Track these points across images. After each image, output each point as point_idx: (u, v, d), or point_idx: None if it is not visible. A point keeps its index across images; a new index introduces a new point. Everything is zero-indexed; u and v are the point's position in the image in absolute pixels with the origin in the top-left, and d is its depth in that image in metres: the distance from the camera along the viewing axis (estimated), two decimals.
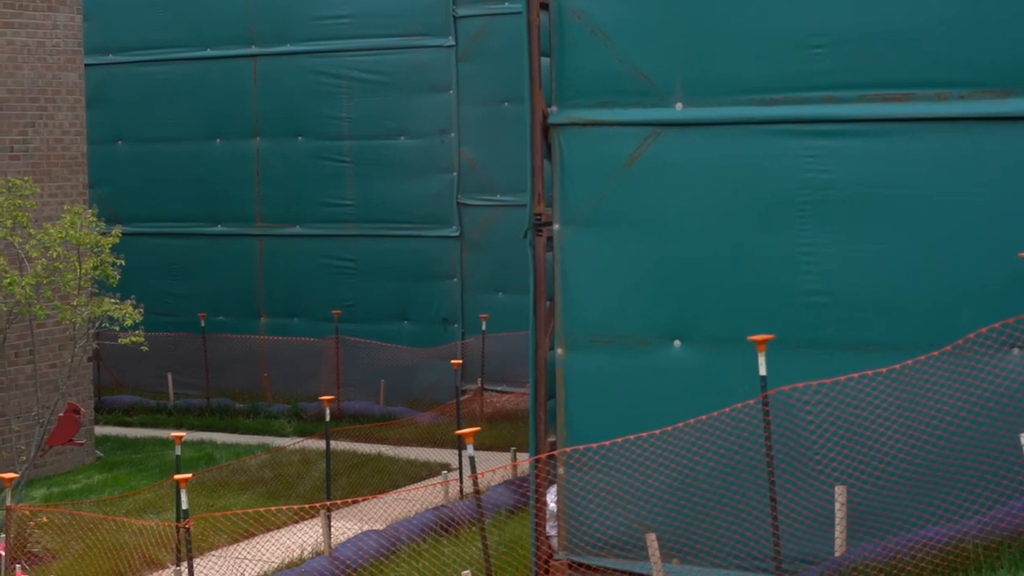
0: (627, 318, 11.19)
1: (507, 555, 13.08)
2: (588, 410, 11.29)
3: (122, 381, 23.44)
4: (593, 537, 11.22)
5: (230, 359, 23.02)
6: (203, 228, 23.80)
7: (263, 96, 23.26)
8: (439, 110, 22.39)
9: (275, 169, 23.28)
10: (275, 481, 17.62)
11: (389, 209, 22.66)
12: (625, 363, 11.19)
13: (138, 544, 14.95)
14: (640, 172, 11.09)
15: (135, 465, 19.11)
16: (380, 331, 22.54)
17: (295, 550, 14.95)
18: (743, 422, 10.36)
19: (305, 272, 23.13)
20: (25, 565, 12.63)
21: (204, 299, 23.27)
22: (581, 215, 11.30)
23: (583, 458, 11.11)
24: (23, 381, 18.10)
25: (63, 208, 16.78)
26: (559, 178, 11.33)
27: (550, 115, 11.42)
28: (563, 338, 11.36)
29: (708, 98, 10.99)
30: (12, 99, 18.10)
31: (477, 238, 22.36)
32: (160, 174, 23.72)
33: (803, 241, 10.80)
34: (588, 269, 11.26)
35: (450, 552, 14.29)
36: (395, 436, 19.94)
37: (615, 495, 11.05)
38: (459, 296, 22.50)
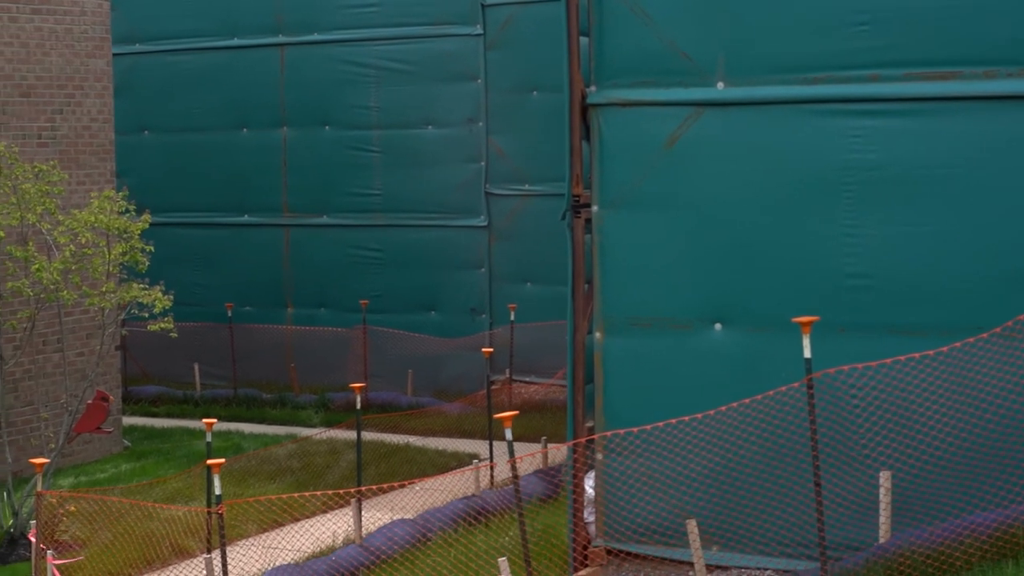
0: (667, 301, 11.01)
1: (542, 543, 12.92)
2: (627, 395, 11.12)
3: (148, 372, 23.35)
4: (632, 523, 11.05)
5: (257, 349, 22.92)
6: (230, 218, 23.69)
7: (290, 85, 23.14)
8: (467, 99, 22.24)
9: (302, 159, 23.16)
10: (303, 471, 17.51)
11: (417, 199, 22.52)
12: (665, 347, 11.02)
13: (167, 533, 14.84)
14: (681, 153, 10.91)
15: (163, 455, 19.01)
16: (407, 321, 22.41)
17: (325, 539, 14.83)
18: (787, 406, 10.17)
19: (332, 262, 23.01)
20: (55, 553, 12.50)
21: (231, 289, 23.16)
22: (620, 197, 11.13)
23: (622, 443, 10.94)
24: (51, 369, 18.01)
25: (91, 195, 16.67)
26: (598, 159, 11.16)
27: (589, 95, 11.25)
28: (602, 321, 11.19)
29: (750, 77, 10.81)
30: (40, 86, 18.01)
31: (505, 228, 22.20)
32: (186, 164, 23.62)
33: (847, 223, 10.62)
34: (627, 251, 11.09)
35: (482, 541, 14.15)
36: (423, 426, 19.81)
37: (654, 481, 10.88)
38: (487, 286, 22.35)
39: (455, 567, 13.16)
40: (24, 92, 17.80)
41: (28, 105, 17.86)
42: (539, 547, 12.76)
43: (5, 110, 17.56)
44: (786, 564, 10.58)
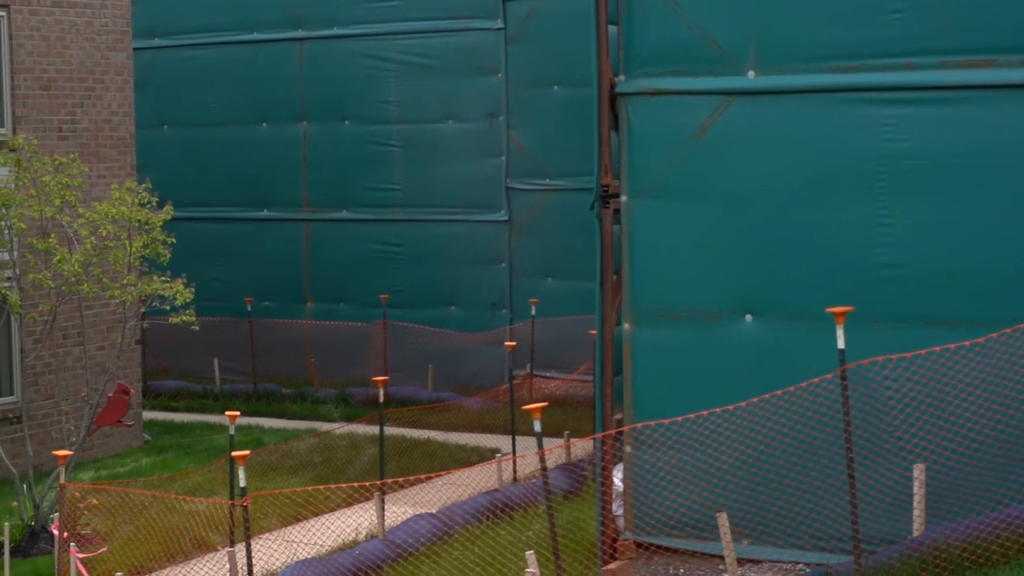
0: (697, 292, 10.89)
1: (567, 537, 12.81)
2: (656, 387, 11.00)
3: (167, 366, 23.30)
4: (661, 517, 10.94)
5: (276, 344, 22.86)
6: (249, 213, 23.63)
7: (310, 80, 23.06)
8: (488, 93, 22.14)
9: (322, 153, 23.08)
10: (324, 465, 17.43)
11: (437, 193, 22.42)
12: (694, 338, 10.90)
13: (188, 526, 14.78)
14: (711, 142, 10.79)
15: (183, 449, 18.95)
16: (427, 316, 22.32)
17: (348, 533, 14.75)
18: (820, 397, 10.04)
19: (352, 257, 22.93)
20: (77, 546, 12.43)
21: (250, 284, 23.10)
22: (649, 187, 11.01)
23: (650, 436, 10.82)
24: (71, 363, 17.96)
25: (111, 187, 16.60)
26: (626, 149, 11.03)
27: (617, 84, 11.12)
28: (630, 313, 11.08)
29: (782, 66, 10.68)
30: (61, 79, 17.95)
31: (526, 222, 22.10)
32: (206, 159, 23.56)
33: (879, 212, 10.49)
34: (656, 242, 10.97)
35: (506, 536, 14.05)
36: (443, 421, 19.72)
37: (684, 474, 10.76)
38: (507, 281, 22.25)
39: (479, 562, 13.07)
40: (45, 85, 17.75)
41: (49, 98, 17.80)
42: (565, 541, 12.64)
43: (26, 103, 17.51)
44: (818, 557, 10.45)
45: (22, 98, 17.45)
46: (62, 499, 12.05)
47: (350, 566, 13.43)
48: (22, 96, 17.46)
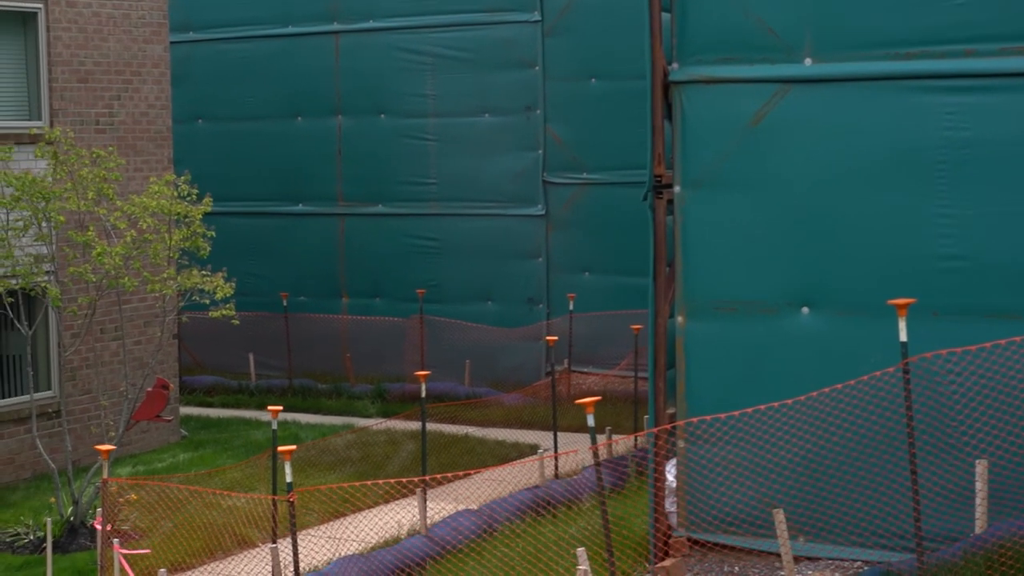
0: (752, 284, 10.69)
1: (615, 533, 12.61)
2: (710, 380, 10.80)
3: (202, 362, 23.19)
4: (715, 513, 10.74)
5: (311, 340, 22.72)
6: (284, 207, 23.51)
7: (345, 73, 22.91)
8: (524, 87, 21.95)
9: (357, 147, 22.94)
10: (362, 461, 17.28)
11: (473, 187, 22.25)
12: (750, 331, 10.70)
13: (228, 522, 14.65)
14: (766, 131, 10.59)
15: (220, 444, 18.83)
16: (463, 311, 22.15)
17: (389, 530, 14.60)
18: (883, 391, 9.82)
19: (387, 252, 22.78)
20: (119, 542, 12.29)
21: (285, 279, 22.97)
22: (704, 176, 10.81)
23: (704, 431, 10.62)
24: (108, 358, 17.85)
25: (149, 179, 16.48)
26: (680, 138, 10.84)
27: (671, 72, 10.92)
28: (684, 305, 10.88)
29: (839, 53, 10.47)
30: (98, 71, 17.84)
31: (563, 217, 21.91)
32: (241, 153, 23.43)
33: (941, 203, 10.27)
34: (711, 233, 10.77)
35: (550, 532, 13.87)
36: (481, 417, 19.57)
37: (738, 470, 10.56)
38: (544, 276, 22.06)
39: (525, 559, 12.89)
40: (82, 78, 17.64)
41: (86, 91, 17.69)
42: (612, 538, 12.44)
43: (63, 96, 17.40)
44: (877, 555, 10.23)
45: (59, 91, 17.35)
46: (105, 494, 11.92)
47: (394, 562, 13.28)
48: (59, 89, 17.35)
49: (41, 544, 14.39)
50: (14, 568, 13.82)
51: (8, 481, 16.88)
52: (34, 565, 13.89)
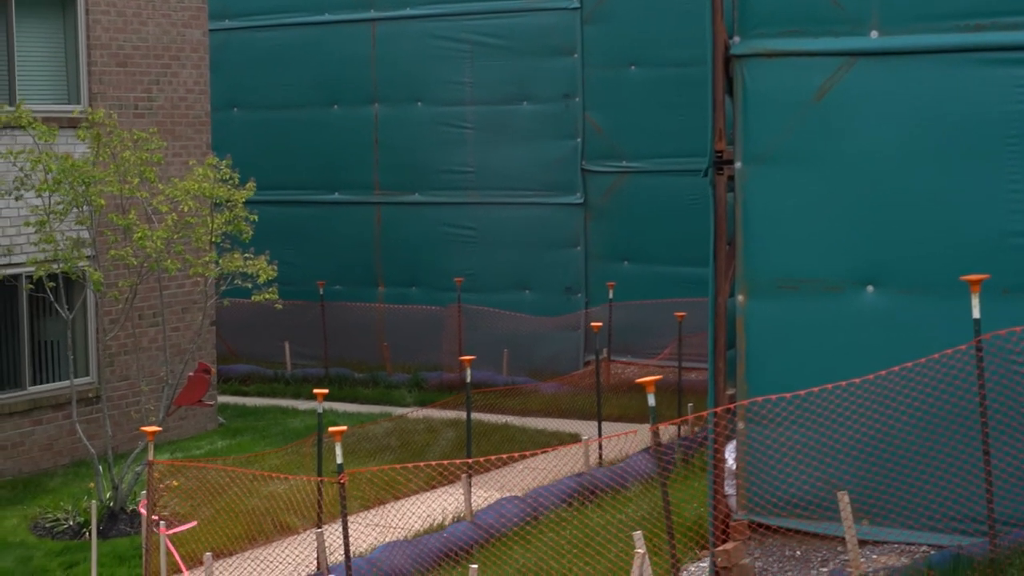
0: (815, 262, 10.45)
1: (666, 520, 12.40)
2: (771, 360, 10.56)
3: (236, 351, 23.03)
4: (775, 496, 10.51)
5: (347, 328, 22.56)
6: (320, 196, 23.36)
7: (382, 61, 22.74)
8: (563, 74, 21.75)
9: (394, 136, 22.77)
10: (402, 449, 17.13)
11: (511, 176, 22.06)
12: (812, 310, 10.45)
13: (269, 509, 14.49)
14: (831, 105, 10.35)
15: (257, 432, 18.69)
16: (501, 300, 21.96)
17: (432, 516, 14.42)
18: (954, 370, 9.57)
19: (424, 241, 22.60)
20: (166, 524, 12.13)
21: (321, 268, 22.80)
22: (765, 152, 10.57)
23: (765, 412, 10.39)
24: (146, 344, 17.71)
25: (190, 163, 16.34)
26: (741, 113, 10.60)
27: (732, 46, 10.69)
28: (744, 284, 10.64)
29: (906, 25, 10.22)
30: (137, 55, 17.69)
31: (602, 205, 21.69)
32: (276, 141, 23.27)
33: (1010, 178, 10.01)
34: (773, 209, 10.54)
35: (597, 519, 13.67)
36: (519, 406, 19.40)
37: (800, 451, 10.32)
38: (583, 265, 21.86)
39: (574, 545, 12.69)
40: (121, 62, 17.50)
41: (125, 75, 17.55)
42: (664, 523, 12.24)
43: (102, 80, 17.26)
44: (946, 539, 10.00)
45: (98, 74, 17.21)
46: (151, 476, 11.75)
47: (440, 548, 13.10)
48: (98, 72, 17.21)
49: (81, 530, 14.26)
50: (54, 553, 13.69)
51: (46, 467, 16.76)
52: (74, 551, 13.76)
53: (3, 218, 16.16)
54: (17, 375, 16.51)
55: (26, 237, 16.22)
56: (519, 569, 12.26)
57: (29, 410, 16.57)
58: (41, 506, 15.08)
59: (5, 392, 16.42)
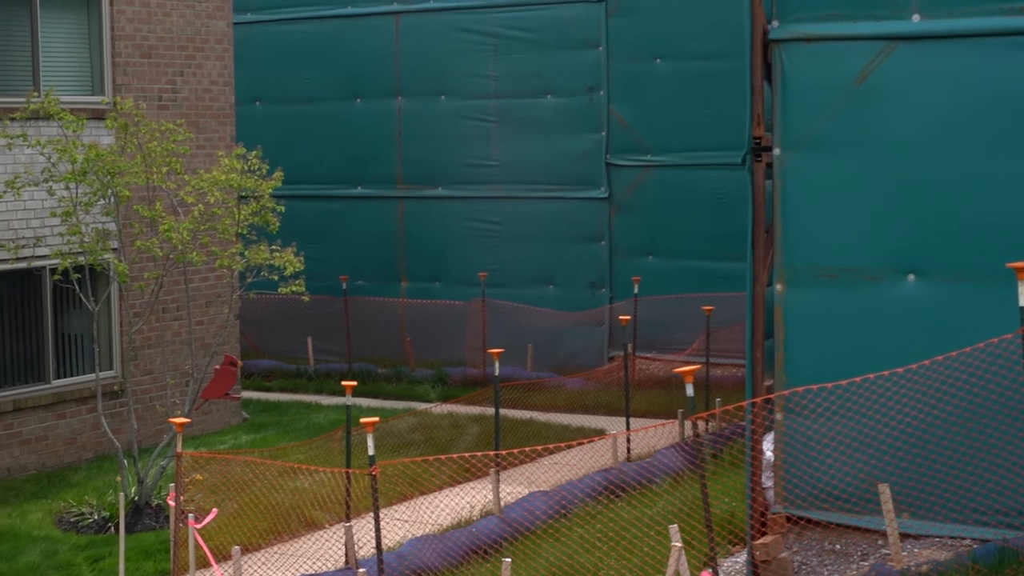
0: (855, 250, 10.27)
1: (697, 514, 12.24)
2: (810, 350, 10.39)
3: (257, 346, 22.92)
4: (814, 489, 10.33)
5: (370, 324, 22.43)
6: (343, 190, 23.23)
7: (405, 54, 22.60)
8: (587, 67, 21.59)
9: (417, 129, 22.63)
10: (426, 444, 17.00)
11: (535, 170, 21.91)
12: (852, 299, 10.28)
13: (294, 504, 14.37)
14: (871, 90, 10.17)
15: (281, 427, 18.57)
16: (524, 295, 21.82)
17: (461, 511, 14.29)
18: (1000, 359, 9.39)
19: (447, 235, 22.46)
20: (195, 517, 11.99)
21: (343, 263, 22.67)
22: (804, 138, 10.40)
23: (804, 403, 10.22)
24: (170, 337, 17.59)
25: (218, 154, 16.22)
26: (780, 99, 10.43)
27: (770, 30, 10.51)
28: (783, 272, 10.48)
29: (949, 8, 10.05)
30: (161, 47, 17.58)
31: (627, 199, 21.53)
32: (299, 135, 23.13)
33: None
34: (812, 197, 10.37)
35: (627, 514, 13.52)
36: (544, 402, 19.27)
37: (839, 443, 10.15)
38: (607, 259, 21.70)
39: (604, 539, 12.54)
40: (145, 53, 17.39)
41: (149, 66, 17.44)
42: (697, 517, 12.09)
43: (126, 71, 17.16)
44: (990, 533, 9.81)
45: (122, 66, 17.09)
46: (179, 468, 11.62)
47: (469, 543, 12.97)
48: (122, 64, 17.10)
49: (106, 524, 14.15)
50: (79, 548, 13.59)
51: (70, 461, 16.66)
52: (99, 545, 13.65)
53: (27, 210, 16.06)
54: (41, 369, 16.42)
55: (50, 229, 16.12)
56: (550, 564, 12.11)
57: (53, 404, 16.47)
58: (65, 500, 14.98)
59: (29, 386, 16.33)
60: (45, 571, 12.88)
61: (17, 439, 16.11)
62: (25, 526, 14.20)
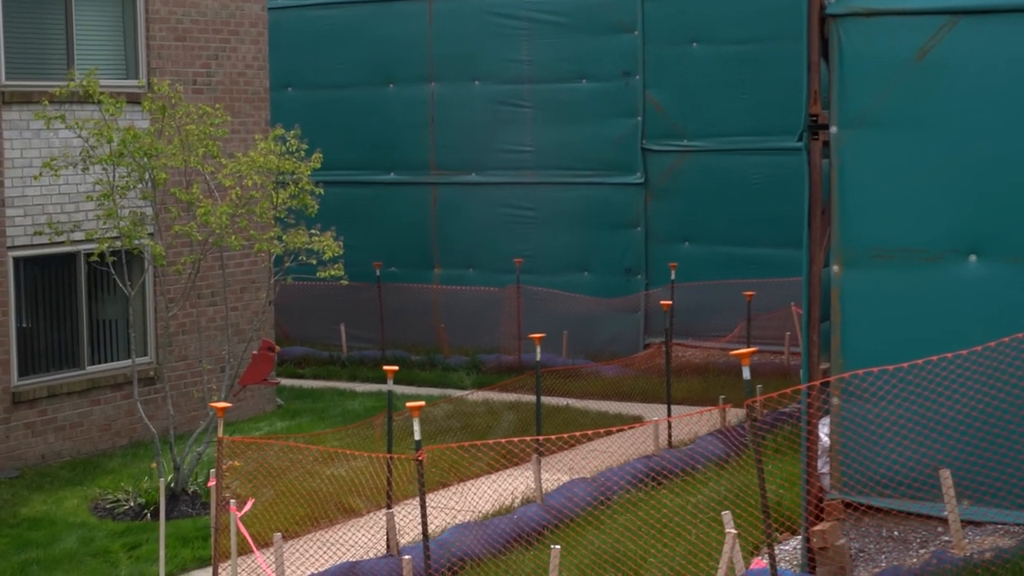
0: (915, 230, 10.03)
1: (743, 502, 12.04)
2: (867, 333, 10.15)
3: (289, 334, 22.75)
4: (871, 474, 10.09)
5: (403, 310, 22.24)
6: (375, 176, 23.03)
7: (438, 39, 22.38)
8: (623, 51, 21.34)
9: (450, 115, 22.42)
10: (463, 431, 16.82)
11: (570, 155, 21.69)
12: (911, 280, 10.03)
13: (331, 491, 14.21)
14: (932, 66, 9.91)
15: (316, 414, 18.42)
16: (559, 282, 21.60)
17: (502, 498, 14.11)
18: None
19: (481, 222, 22.25)
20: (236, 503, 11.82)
21: (376, 249, 22.46)
22: (863, 116, 10.15)
23: (861, 386, 9.98)
24: (204, 324, 17.43)
25: (254, 137, 16.04)
26: (838, 75, 10.18)
27: (828, 5, 10.27)
28: (840, 253, 10.24)
29: None
30: (196, 30, 17.41)
31: (663, 185, 21.29)
32: (331, 121, 22.91)
33: None
34: (870, 176, 10.11)
35: (670, 502, 13.31)
36: (580, 389, 19.07)
37: (897, 428, 9.91)
38: (643, 246, 21.47)
39: (649, 526, 12.34)
40: (179, 36, 17.22)
41: (183, 50, 17.27)
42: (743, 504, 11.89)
43: (161, 55, 16.99)
44: None
45: (157, 49, 16.93)
46: (220, 452, 11.45)
47: (510, 531, 12.79)
48: (157, 47, 16.93)
49: (142, 511, 14.03)
50: (116, 535, 13.46)
51: (105, 448, 16.53)
52: (136, 531, 13.52)
53: (62, 194, 15.93)
54: (76, 354, 16.29)
55: (85, 214, 15.98)
56: (595, 552, 11.92)
57: (87, 390, 16.34)
58: (101, 487, 14.87)
59: (63, 372, 16.20)
60: (82, 558, 12.75)
61: (52, 425, 15.99)
62: (61, 513, 14.09)
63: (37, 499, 14.51)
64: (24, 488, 14.89)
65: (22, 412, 15.65)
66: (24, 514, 14.02)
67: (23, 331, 15.81)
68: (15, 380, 15.65)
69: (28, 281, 15.82)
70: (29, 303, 15.89)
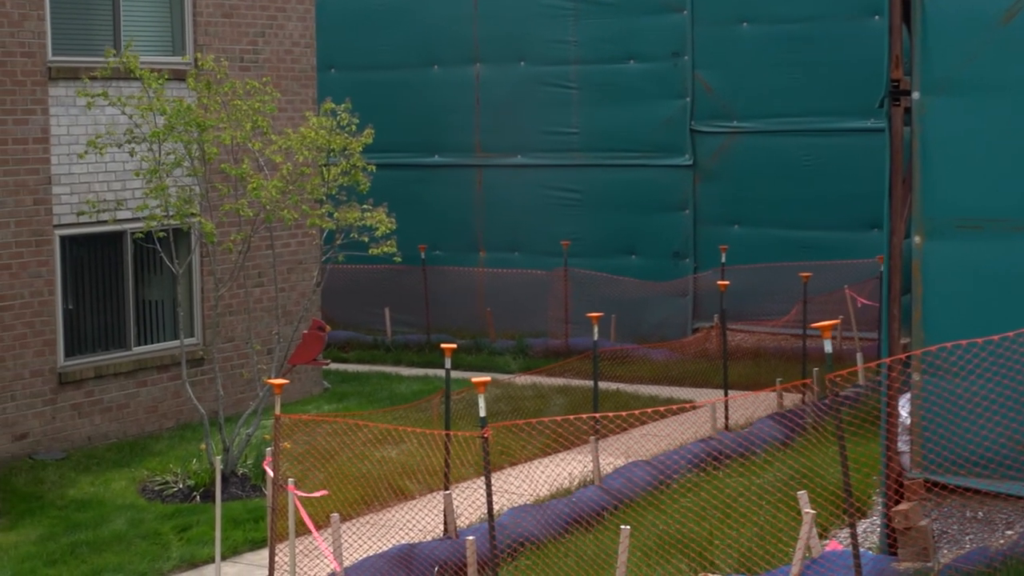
0: (1002, 199, 9.68)
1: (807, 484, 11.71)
2: (950, 306, 9.80)
3: (332, 318, 22.47)
4: (954, 453, 9.75)
5: (448, 294, 21.97)
6: (419, 158, 22.76)
7: (484, 20, 22.08)
8: (671, 31, 20.99)
9: (496, 96, 22.12)
10: (512, 415, 16.56)
11: (617, 137, 21.36)
12: (998, 251, 9.68)
13: (382, 473, 13.97)
14: (1020, 28, 9.55)
15: (364, 396, 18.18)
16: (606, 265, 21.29)
17: (560, 480, 13.85)
18: None
19: (527, 204, 21.95)
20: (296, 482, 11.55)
21: (420, 232, 22.17)
22: (946, 81, 9.80)
23: (943, 362, 9.64)
24: (251, 305, 17.17)
25: (304, 114, 15.78)
26: (920, 39, 9.83)
27: None
28: (922, 224, 9.89)
29: None
30: (243, 6, 17.16)
31: (711, 167, 20.94)
32: (375, 103, 22.46)
33: None
34: (953, 143, 9.77)
35: (733, 484, 13.01)
36: (629, 373, 18.77)
37: (981, 405, 9.57)
38: (691, 228, 21.13)
39: (710, 509, 12.05)
40: (226, 13, 16.97)
41: (230, 27, 17.02)
42: (812, 486, 11.57)
43: (208, 31, 16.75)
44: None
45: (204, 25, 16.69)
46: (277, 431, 11.18)
47: (569, 513, 12.51)
48: (204, 23, 16.69)
49: (191, 493, 13.82)
50: (166, 517, 13.24)
51: (152, 430, 16.32)
52: (185, 514, 13.30)
53: (108, 172, 15.71)
54: (122, 335, 16.07)
55: (131, 192, 15.76)
56: (660, 534, 11.63)
57: (134, 371, 16.13)
58: (148, 469, 14.66)
59: (110, 352, 15.99)
60: (132, 540, 12.53)
61: (98, 407, 15.78)
62: (109, 494, 13.88)
63: (84, 481, 14.31)
64: (71, 470, 14.70)
65: (68, 393, 15.44)
66: (72, 496, 13.82)
67: (69, 311, 15.60)
68: (61, 361, 15.45)
69: (74, 260, 15.61)
70: (76, 282, 15.68)
